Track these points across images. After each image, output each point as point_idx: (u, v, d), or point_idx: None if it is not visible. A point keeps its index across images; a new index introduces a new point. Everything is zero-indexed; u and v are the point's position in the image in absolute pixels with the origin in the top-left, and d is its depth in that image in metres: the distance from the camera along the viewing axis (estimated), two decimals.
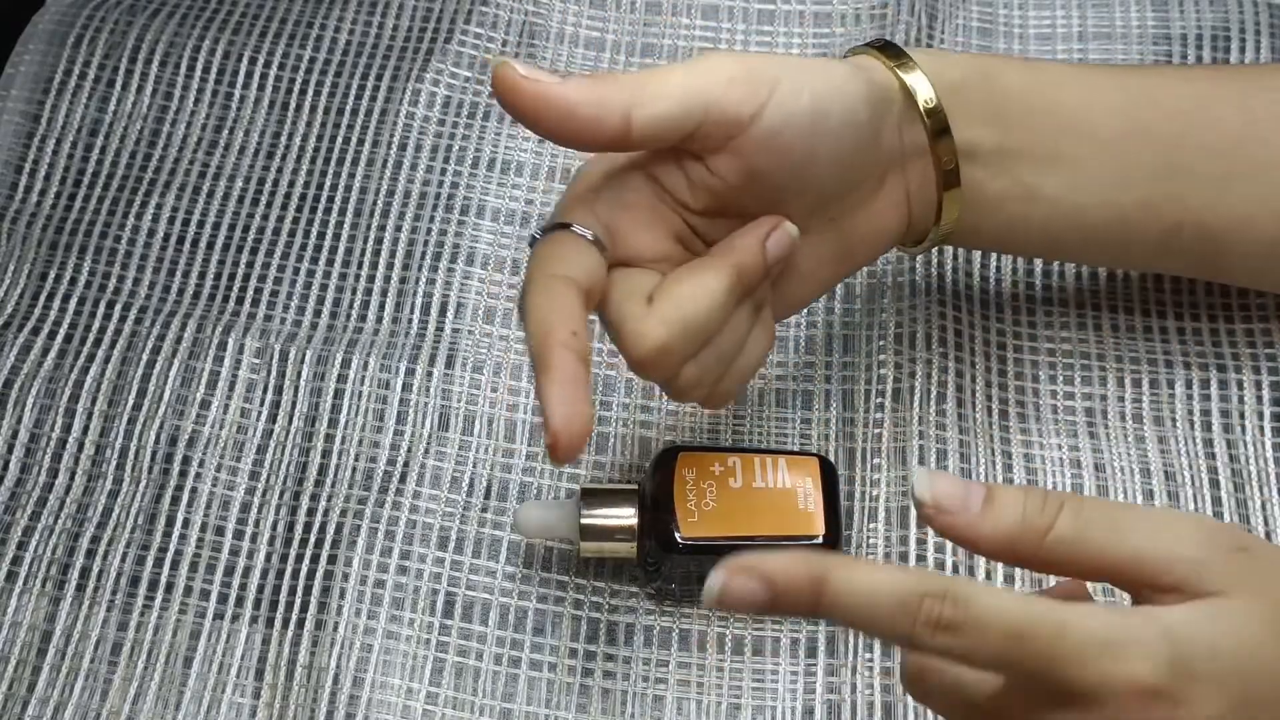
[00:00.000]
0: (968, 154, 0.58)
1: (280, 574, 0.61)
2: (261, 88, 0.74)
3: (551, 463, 0.51)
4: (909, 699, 0.57)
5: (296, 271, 0.69)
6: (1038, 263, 0.68)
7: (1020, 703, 0.45)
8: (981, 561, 0.60)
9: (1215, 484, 0.63)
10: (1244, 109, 0.60)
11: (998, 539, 0.46)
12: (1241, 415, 0.64)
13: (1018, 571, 0.60)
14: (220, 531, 0.62)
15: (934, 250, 0.67)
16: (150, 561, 0.61)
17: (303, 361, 0.66)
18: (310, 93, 0.74)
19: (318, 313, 0.68)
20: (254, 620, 0.60)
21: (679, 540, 0.57)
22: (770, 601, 0.45)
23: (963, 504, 0.46)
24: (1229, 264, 0.62)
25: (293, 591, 0.61)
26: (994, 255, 0.68)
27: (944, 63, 0.58)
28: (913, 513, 0.61)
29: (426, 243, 0.69)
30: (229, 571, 0.61)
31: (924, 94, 0.57)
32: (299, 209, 0.71)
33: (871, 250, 0.59)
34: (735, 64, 0.53)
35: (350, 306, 0.68)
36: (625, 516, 0.59)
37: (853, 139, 0.55)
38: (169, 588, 0.61)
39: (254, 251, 0.70)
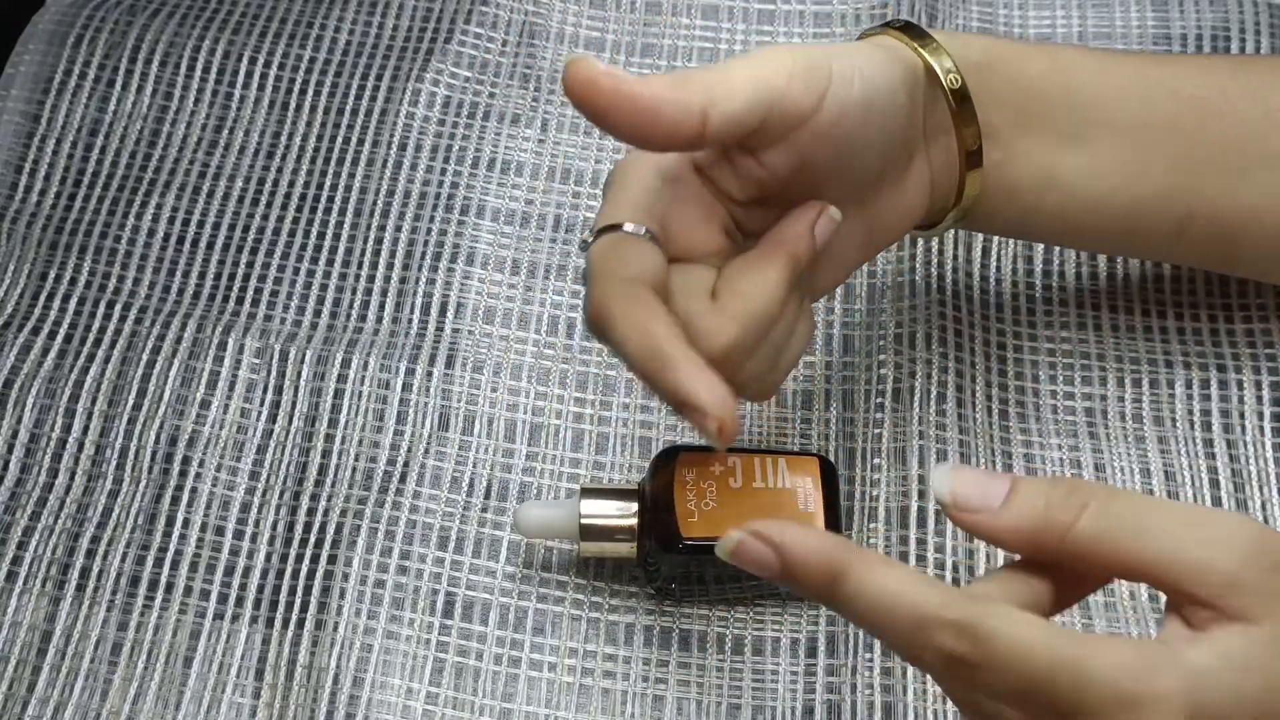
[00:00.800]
0: (988, 135, 0.57)
1: (280, 574, 0.61)
2: (261, 88, 0.74)
3: (719, 445, 0.49)
4: (909, 698, 0.57)
5: (296, 271, 0.69)
6: (1038, 262, 0.68)
7: None
8: (982, 561, 0.60)
9: (1215, 484, 0.63)
10: (1262, 101, 0.60)
11: (1020, 535, 0.45)
12: (1241, 415, 0.64)
13: None
14: (220, 531, 0.62)
15: (934, 250, 0.67)
16: (150, 561, 0.61)
17: (303, 361, 0.66)
18: (310, 93, 0.74)
19: (318, 313, 0.68)
20: (254, 620, 0.60)
21: (679, 540, 0.57)
22: (781, 573, 0.44)
23: (983, 500, 0.45)
24: (1239, 255, 0.61)
25: (293, 591, 0.61)
26: (994, 255, 0.68)
27: (963, 44, 0.57)
28: (913, 513, 0.61)
29: (426, 243, 0.69)
30: (229, 571, 0.61)
31: (949, 75, 0.56)
32: (299, 209, 0.71)
33: (895, 232, 0.58)
34: (794, 58, 0.52)
35: (350, 306, 0.68)
36: (625, 516, 0.59)
37: (894, 124, 0.55)
38: (169, 588, 0.61)
39: (254, 251, 0.70)
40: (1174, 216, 0.59)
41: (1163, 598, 0.59)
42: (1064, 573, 0.46)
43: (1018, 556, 0.47)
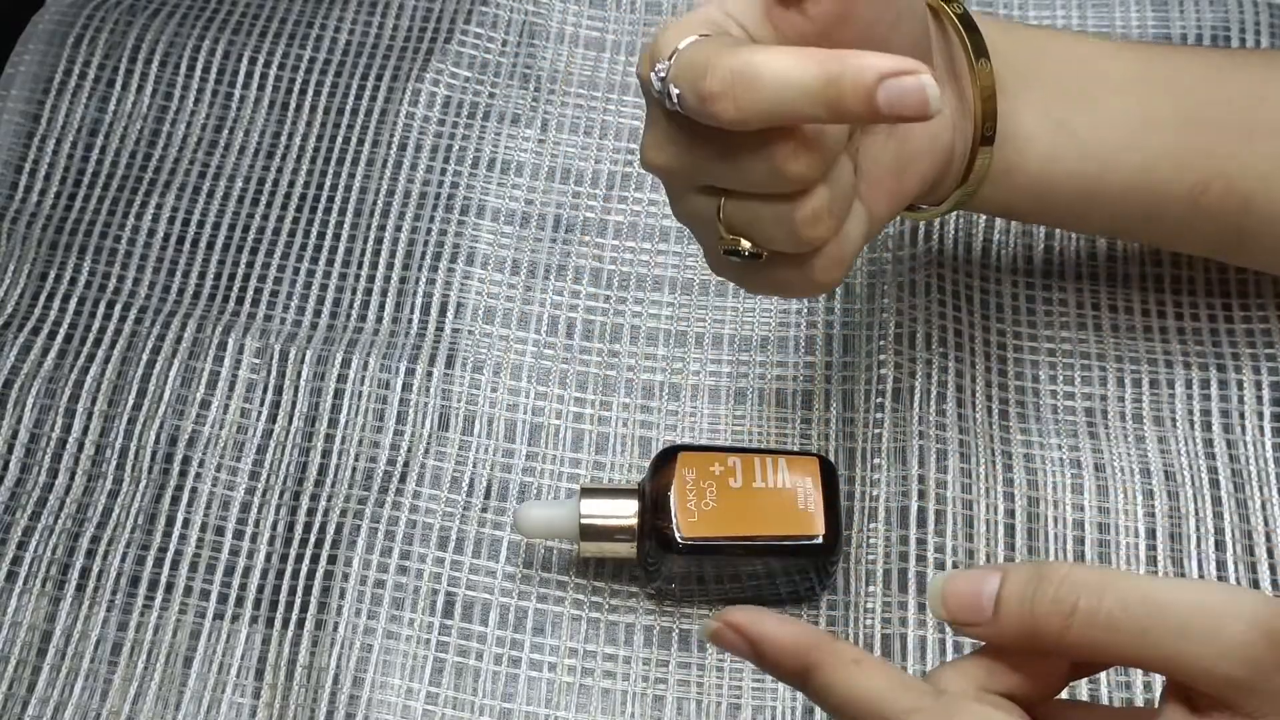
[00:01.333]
0: (1001, 86, 0.56)
1: (280, 574, 0.61)
2: (261, 88, 0.74)
3: (934, 100, 0.45)
4: None
5: (296, 271, 0.69)
6: (1038, 262, 0.68)
7: None
8: (981, 559, 0.60)
9: (1215, 484, 0.63)
10: (1258, 71, 0.60)
11: (1020, 643, 0.44)
12: (1241, 415, 0.64)
13: None
14: (220, 531, 0.62)
15: (934, 250, 0.67)
16: (150, 561, 0.61)
17: (303, 361, 0.66)
18: (310, 93, 0.74)
19: (318, 313, 0.68)
20: (254, 620, 0.60)
21: (679, 540, 0.57)
22: (756, 662, 0.45)
23: (975, 613, 0.44)
24: (1252, 230, 0.60)
25: (293, 591, 0.61)
26: (994, 255, 0.68)
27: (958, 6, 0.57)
28: (913, 513, 0.61)
29: (426, 243, 0.69)
30: (229, 571, 0.61)
31: (953, 4, 0.55)
32: (299, 209, 0.71)
33: (926, 170, 0.56)
34: None
35: (350, 306, 0.68)
36: (625, 516, 0.59)
37: (922, 13, 0.54)
38: (169, 588, 0.61)
39: (254, 251, 0.70)
40: (1189, 181, 0.59)
41: None
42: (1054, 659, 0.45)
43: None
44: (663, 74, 0.48)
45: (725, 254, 0.51)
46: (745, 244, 0.50)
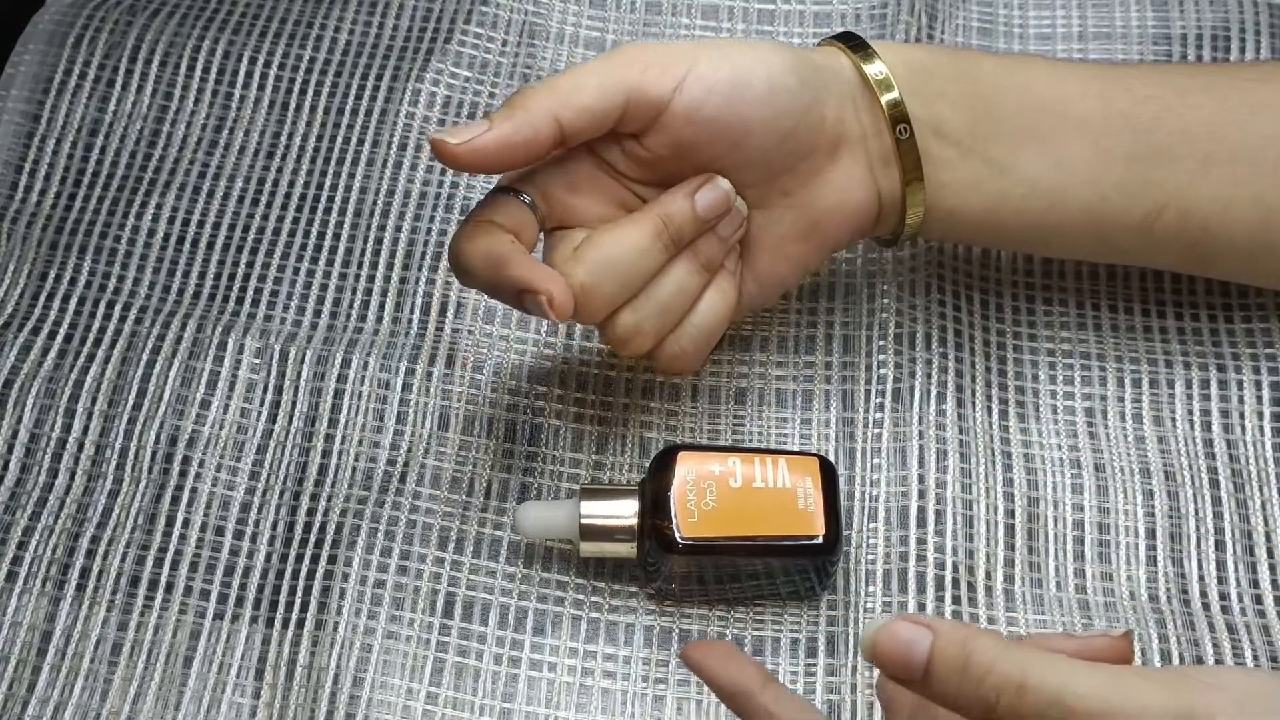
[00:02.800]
0: (936, 131, 0.58)
1: (280, 574, 0.61)
2: (261, 88, 0.74)
3: (553, 318, 0.55)
4: (909, 698, 0.57)
5: (296, 271, 0.69)
6: (1038, 262, 0.68)
7: None
8: (982, 562, 0.60)
9: (1215, 484, 0.63)
10: (1219, 97, 0.60)
11: (948, 704, 0.45)
12: (1241, 415, 0.64)
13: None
14: (220, 531, 0.62)
15: (934, 250, 0.67)
16: (150, 561, 0.61)
17: (303, 361, 0.66)
18: (310, 93, 0.74)
19: (318, 313, 0.68)
20: (254, 620, 0.60)
21: (679, 540, 0.57)
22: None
23: (907, 670, 0.45)
24: (1215, 252, 0.61)
25: (293, 591, 0.61)
26: (994, 255, 0.68)
27: (910, 50, 0.60)
28: (913, 513, 0.61)
29: (426, 243, 0.69)
30: (229, 571, 0.61)
31: (878, 78, 0.58)
32: (299, 209, 0.71)
33: (842, 227, 0.60)
34: (650, 51, 0.56)
35: (350, 306, 0.68)
36: (625, 516, 0.59)
37: (785, 106, 0.57)
38: (169, 588, 0.61)
39: (254, 251, 0.70)
40: (1141, 210, 0.60)
41: (1163, 597, 0.59)
42: None
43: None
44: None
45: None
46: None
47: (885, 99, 0.58)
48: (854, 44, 0.59)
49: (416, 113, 0.72)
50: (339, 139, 0.73)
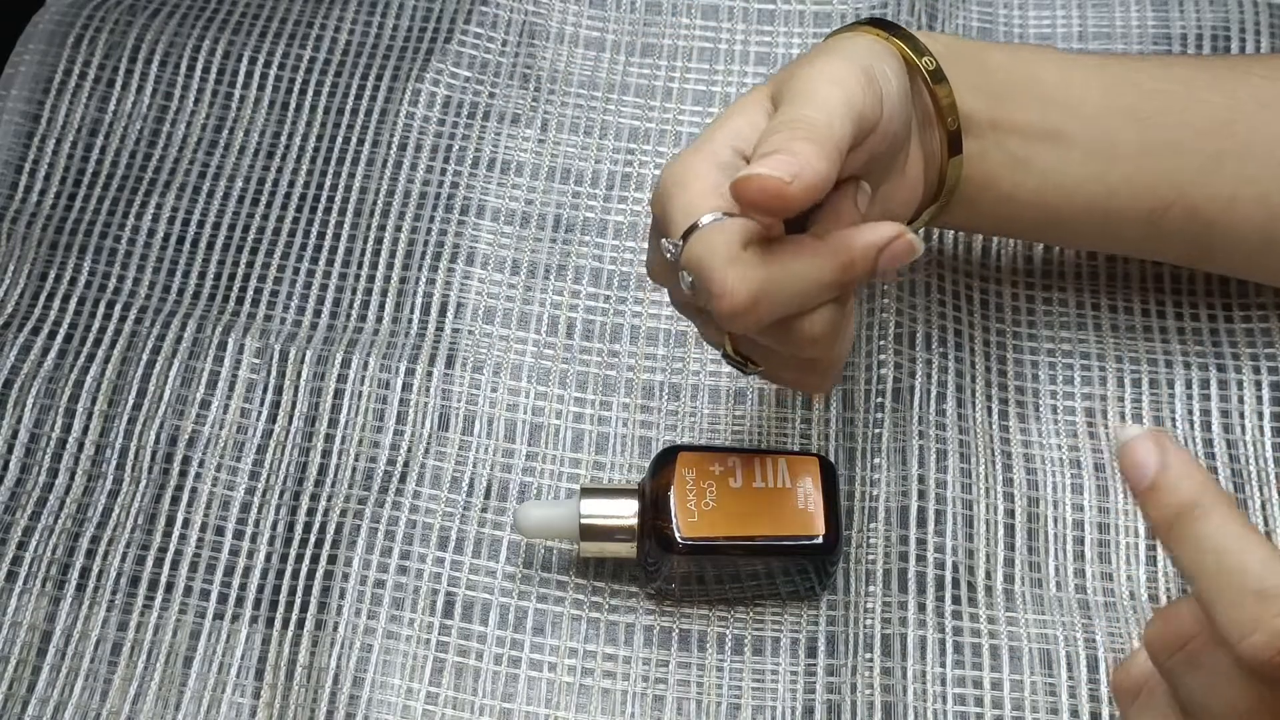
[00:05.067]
0: (964, 124, 0.58)
1: (280, 574, 0.61)
2: (261, 88, 0.74)
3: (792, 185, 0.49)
4: (909, 698, 0.57)
5: (296, 271, 0.69)
6: (1038, 262, 0.68)
7: None
8: (982, 562, 0.60)
9: None
10: (1227, 92, 0.60)
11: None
12: (1241, 415, 0.64)
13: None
14: (220, 531, 0.62)
15: (934, 250, 0.67)
16: (150, 561, 0.61)
17: (303, 361, 0.66)
18: (310, 93, 0.74)
19: (318, 313, 0.68)
20: (254, 620, 0.60)
21: (679, 540, 0.57)
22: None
23: (1137, 478, 0.43)
24: (1219, 247, 0.61)
25: (293, 591, 0.61)
26: (994, 255, 0.68)
27: (927, 39, 0.59)
28: (913, 513, 0.61)
29: (426, 243, 0.69)
30: (229, 571, 0.61)
31: (924, 59, 0.57)
32: (299, 209, 0.71)
33: (905, 218, 0.59)
34: (854, 71, 0.53)
35: (350, 306, 0.68)
36: (625, 516, 0.59)
37: (907, 109, 0.56)
38: (169, 588, 0.61)
39: (254, 251, 0.70)
40: (1148, 205, 0.60)
41: (1163, 598, 0.59)
42: None
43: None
44: (673, 252, 0.52)
45: (728, 361, 0.56)
46: (750, 364, 0.55)
47: (937, 88, 0.57)
48: (888, 28, 0.58)
49: (416, 113, 0.72)
50: (339, 139, 0.73)
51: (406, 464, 0.63)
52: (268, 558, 0.62)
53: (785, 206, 0.49)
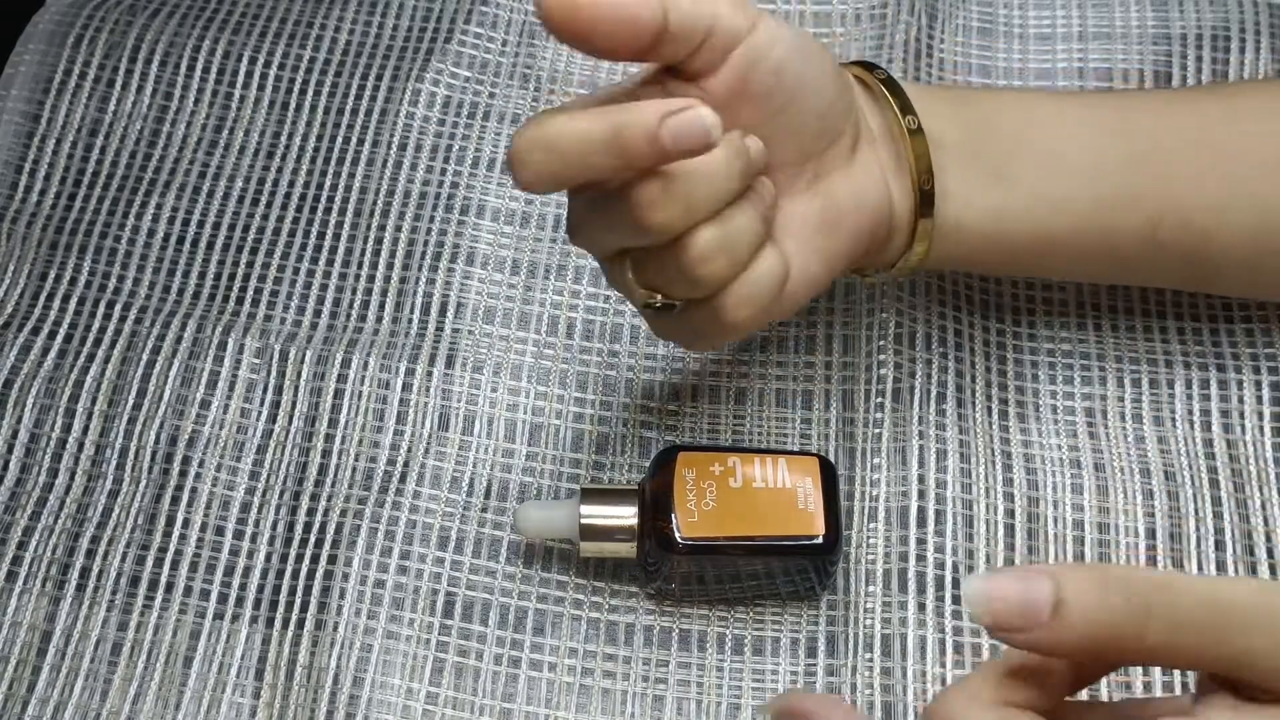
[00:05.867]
0: (937, 142, 0.58)
1: (280, 574, 0.61)
2: (261, 88, 0.74)
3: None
4: (909, 698, 0.57)
5: (296, 271, 0.69)
6: None
7: None
8: (982, 562, 0.60)
9: (1215, 484, 0.63)
10: (1209, 116, 0.61)
11: (1082, 651, 0.42)
12: (1241, 415, 0.64)
13: None
14: (220, 531, 0.62)
15: None
16: (150, 561, 0.61)
17: (303, 361, 0.66)
18: (310, 93, 0.74)
19: (318, 313, 0.68)
20: (254, 620, 0.60)
21: (679, 540, 0.57)
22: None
23: (1025, 619, 0.41)
24: (1216, 260, 0.61)
25: (293, 591, 0.61)
26: None
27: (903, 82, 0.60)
28: (913, 513, 0.61)
29: (426, 243, 0.69)
30: (229, 571, 0.61)
31: (883, 77, 0.58)
32: (299, 209, 0.71)
33: (862, 226, 0.58)
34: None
35: (350, 306, 0.68)
36: (625, 516, 0.59)
37: (830, 83, 0.56)
38: (169, 588, 0.61)
39: (254, 251, 0.70)
40: (1142, 216, 0.60)
41: None
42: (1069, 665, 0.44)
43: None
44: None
45: (644, 308, 0.56)
46: (658, 296, 0.54)
47: (892, 97, 0.58)
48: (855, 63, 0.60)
49: (416, 113, 0.72)
50: (339, 139, 0.73)
51: (406, 464, 0.63)
52: (268, 558, 0.62)
53: (570, 23, 0.50)
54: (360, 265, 0.69)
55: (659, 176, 0.51)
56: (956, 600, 0.59)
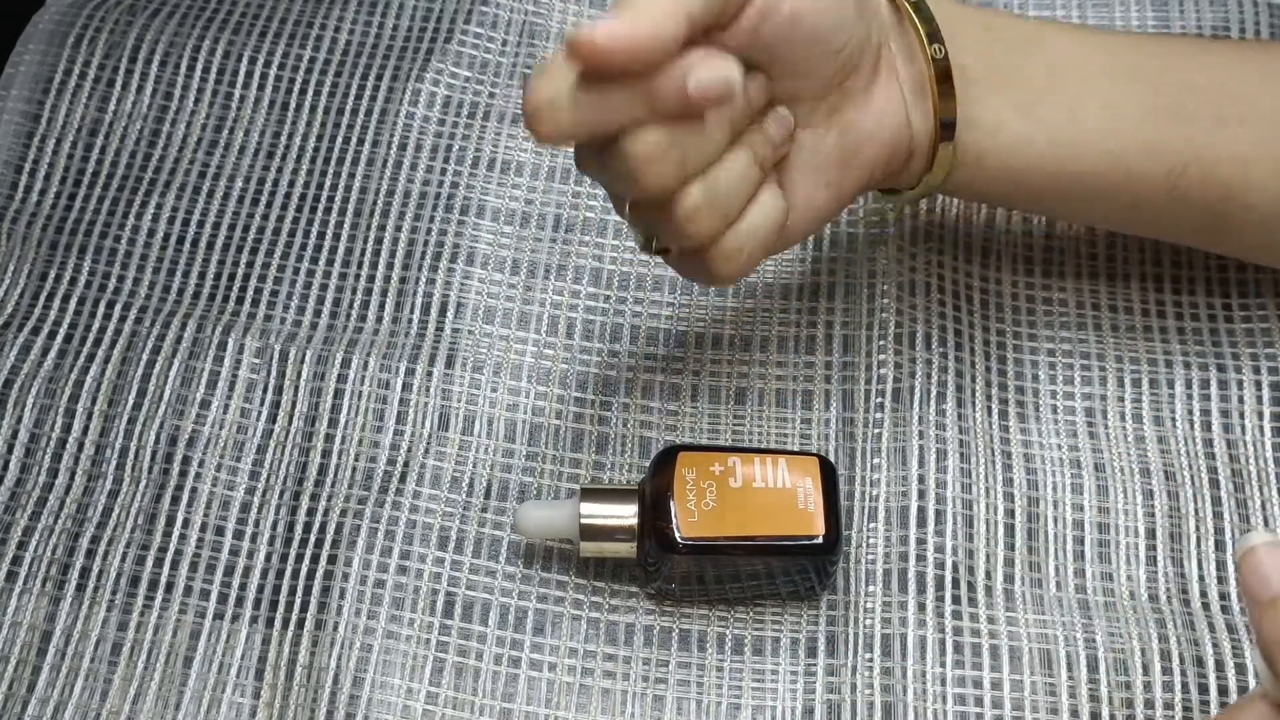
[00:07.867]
0: (961, 71, 0.58)
1: (280, 574, 0.61)
2: (261, 88, 0.74)
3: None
4: (909, 698, 0.57)
5: (296, 271, 0.69)
6: (1038, 262, 0.68)
7: None
8: (982, 562, 0.60)
9: (1215, 484, 0.63)
10: (1223, 65, 0.61)
11: None
12: (1241, 415, 0.64)
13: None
14: (220, 531, 0.62)
15: (934, 250, 0.67)
16: (150, 561, 0.61)
17: (303, 361, 0.66)
18: (310, 93, 0.74)
19: (318, 313, 0.68)
20: (254, 620, 0.60)
21: (679, 540, 0.57)
22: None
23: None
24: (1237, 216, 0.61)
25: (293, 591, 0.61)
26: (994, 255, 0.68)
27: None
28: (913, 513, 0.61)
29: (426, 243, 0.69)
30: (229, 571, 0.61)
31: (913, 1, 0.58)
32: (299, 209, 0.71)
33: (879, 155, 0.58)
34: None
35: (350, 306, 0.68)
36: (625, 516, 0.59)
37: (850, 22, 0.55)
38: (169, 588, 0.61)
39: (254, 251, 0.70)
40: (1164, 166, 0.59)
41: (1163, 597, 0.59)
42: None
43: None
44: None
45: (641, 250, 0.57)
46: (654, 242, 0.56)
47: (921, 24, 0.57)
48: None
49: (416, 113, 0.72)
50: (339, 139, 0.73)
51: (406, 464, 0.63)
52: (268, 558, 0.62)
53: (606, 64, 0.50)
54: (360, 265, 0.69)
55: (658, 128, 0.52)
56: (956, 600, 0.59)
